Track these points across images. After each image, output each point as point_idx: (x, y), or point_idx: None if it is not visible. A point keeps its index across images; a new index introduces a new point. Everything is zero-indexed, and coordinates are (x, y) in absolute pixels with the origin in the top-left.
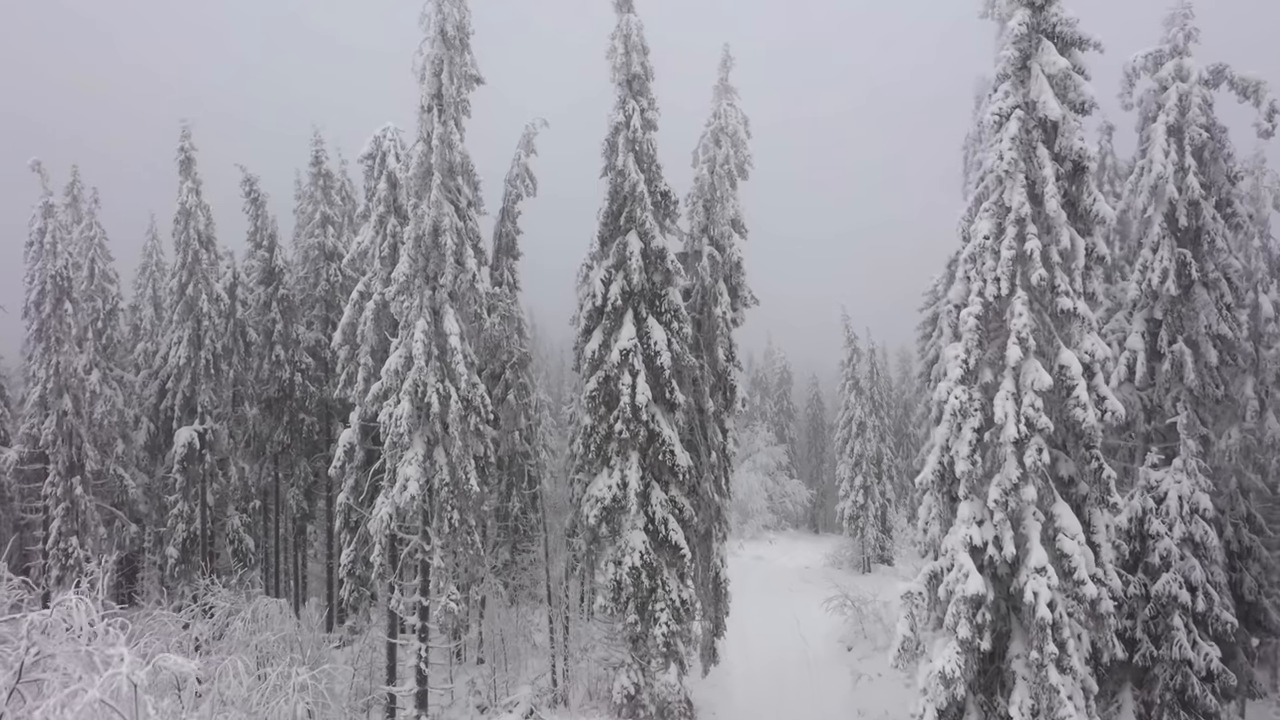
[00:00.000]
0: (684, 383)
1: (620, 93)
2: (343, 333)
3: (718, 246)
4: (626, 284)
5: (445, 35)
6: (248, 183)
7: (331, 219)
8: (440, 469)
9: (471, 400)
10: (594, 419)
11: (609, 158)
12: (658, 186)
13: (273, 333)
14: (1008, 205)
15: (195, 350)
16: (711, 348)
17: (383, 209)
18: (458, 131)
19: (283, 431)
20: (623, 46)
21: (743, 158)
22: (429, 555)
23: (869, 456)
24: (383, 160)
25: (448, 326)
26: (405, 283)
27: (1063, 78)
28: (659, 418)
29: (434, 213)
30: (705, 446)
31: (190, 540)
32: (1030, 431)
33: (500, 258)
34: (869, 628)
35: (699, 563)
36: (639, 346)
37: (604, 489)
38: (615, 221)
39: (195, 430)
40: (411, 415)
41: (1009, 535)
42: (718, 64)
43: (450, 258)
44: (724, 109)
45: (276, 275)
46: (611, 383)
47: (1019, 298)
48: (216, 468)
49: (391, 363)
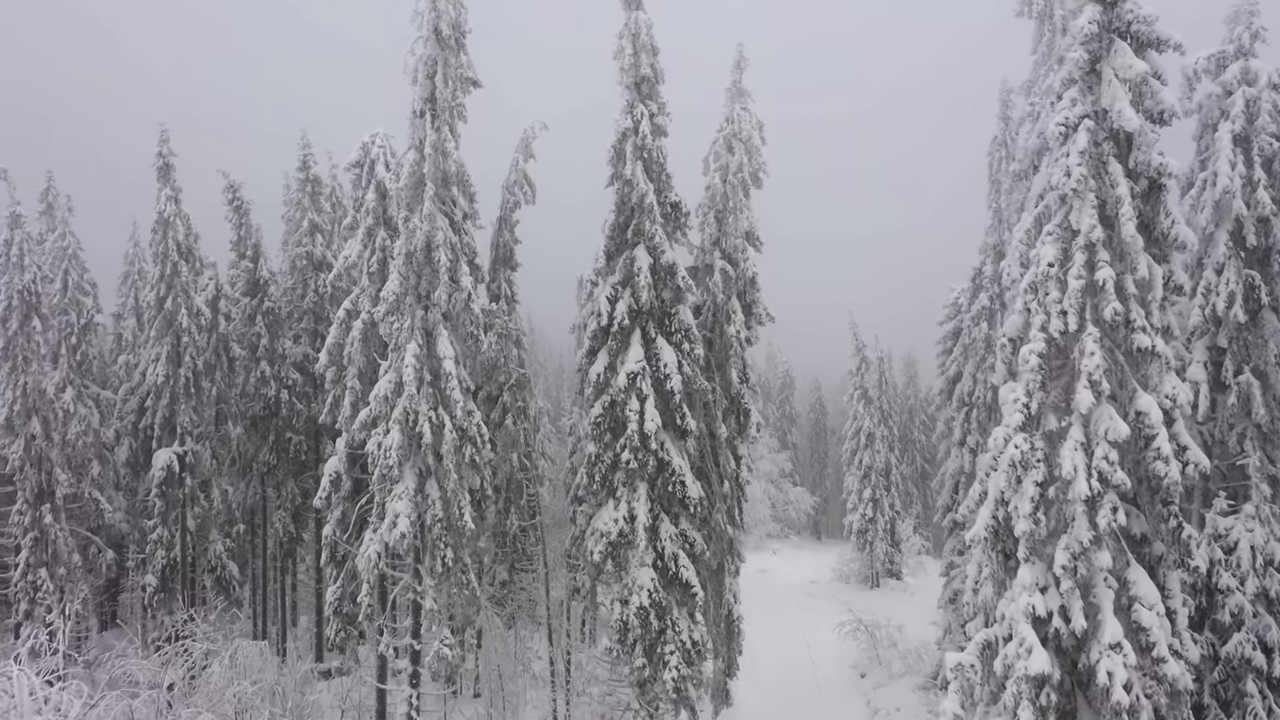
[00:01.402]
0: (695, 407)
1: (628, 96)
2: (328, 353)
3: (731, 260)
4: (634, 302)
5: (440, 34)
6: (230, 189)
7: (320, 227)
8: (433, 503)
9: (467, 430)
10: (599, 447)
11: (615, 166)
12: (668, 197)
13: (257, 347)
14: (1075, 228)
15: (174, 368)
16: (724, 369)
17: (371, 221)
18: (452, 138)
19: (269, 451)
20: (631, 46)
21: (757, 165)
22: (421, 596)
23: (878, 469)
24: (371, 168)
25: (441, 350)
26: (395, 302)
27: (1139, 83)
28: (669, 446)
29: (426, 226)
30: (717, 474)
31: (170, 568)
32: (1103, 488)
33: (497, 269)
34: (883, 653)
35: (710, 599)
36: (647, 369)
37: (610, 522)
38: (622, 234)
39: (174, 452)
40: (402, 446)
41: (1078, 605)
42: (730, 65)
43: (444, 275)
44: (737, 113)
45: (261, 287)
46: (618, 408)
47: (1089, 334)
48: (198, 491)
49: (380, 388)
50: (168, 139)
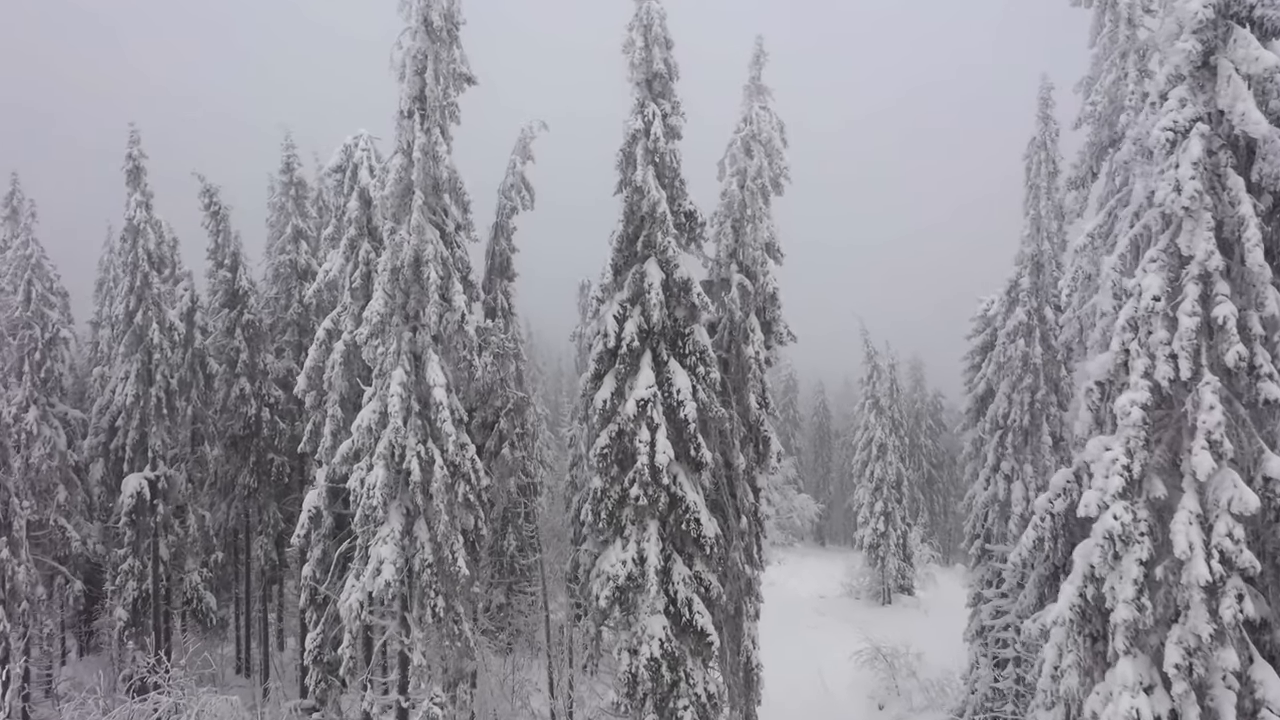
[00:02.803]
0: (710, 436)
1: (639, 95)
2: (307, 377)
3: (749, 274)
4: (644, 321)
5: (430, 25)
6: (207, 193)
7: (305, 233)
8: (422, 547)
9: (460, 465)
10: (605, 480)
11: (624, 171)
12: (681, 205)
13: (237, 362)
14: (1186, 254)
15: (145, 387)
16: (741, 393)
17: (354, 231)
18: (444, 141)
19: (249, 474)
20: (642, 39)
21: (778, 169)
22: (408, 648)
23: (890, 481)
24: (354, 174)
25: (431, 376)
26: (379, 323)
27: (1265, 79)
28: (682, 479)
29: (414, 239)
30: (734, 508)
31: (142, 600)
32: (1226, 571)
33: (493, 280)
34: (902, 683)
35: (727, 645)
36: (659, 395)
37: (617, 564)
38: (631, 247)
39: (145, 478)
40: (387, 483)
41: (1194, 711)
42: (747, 61)
43: (434, 294)
44: (756, 113)
45: (240, 298)
46: (626, 438)
47: (1207, 384)
48: (172, 518)
49: (364, 417)
50: (138, 139)
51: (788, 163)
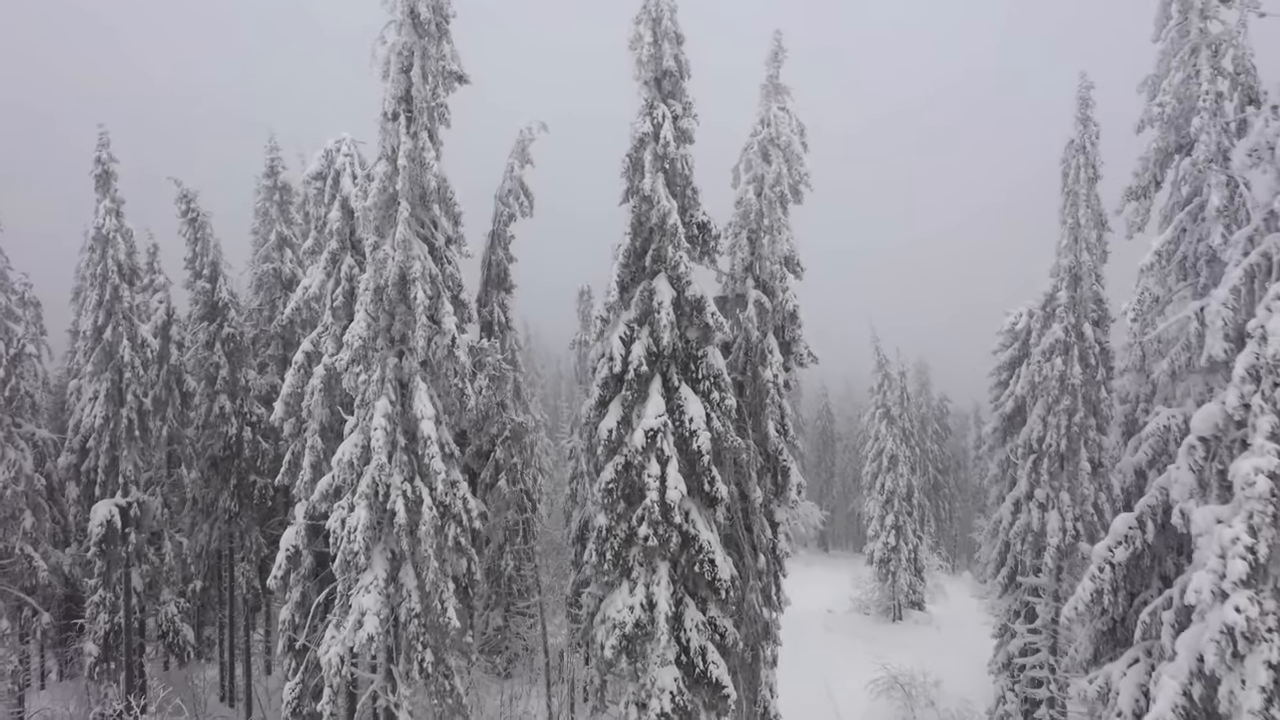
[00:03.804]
0: (724, 467)
1: (647, 94)
2: (285, 404)
3: (766, 290)
4: (654, 343)
5: (417, 18)
6: (184, 199)
7: (290, 241)
8: (408, 595)
9: (450, 506)
10: (611, 518)
11: (631, 179)
12: (694, 216)
13: (216, 379)
14: None
15: (115, 407)
16: (758, 419)
17: (335, 245)
18: (432, 146)
19: (230, 496)
20: (650, 34)
21: (798, 176)
22: (395, 705)
23: (900, 493)
24: (335, 181)
25: (419, 407)
26: (361, 348)
27: None
28: (695, 516)
29: (400, 255)
30: (750, 545)
31: (114, 634)
32: None
33: (489, 291)
34: (921, 714)
35: (744, 696)
36: (669, 425)
37: (624, 610)
38: (639, 261)
39: (115, 505)
40: (370, 526)
41: None
42: (765, 57)
43: (422, 316)
44: (774, 114)
45: (220, 310)
46: (634, 472)
47: None
48: (146, 545)
49: (345, 451)
50: (107, 142)
51: (808, 168)
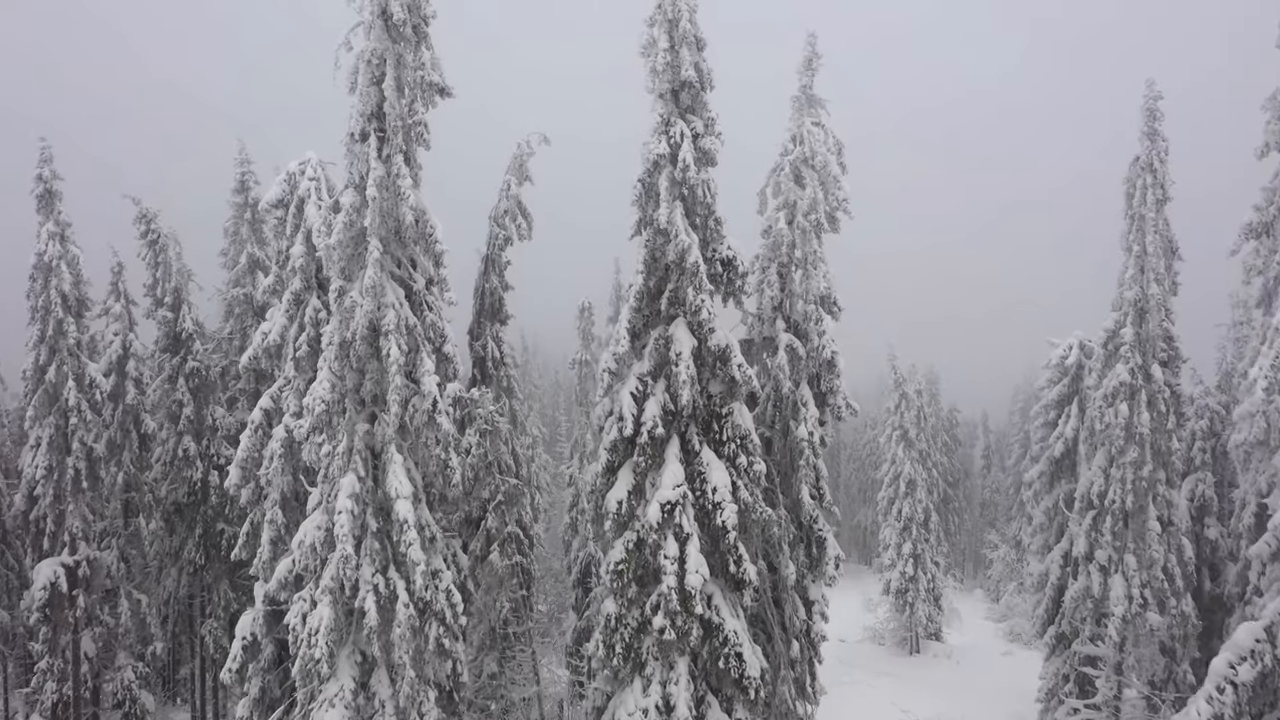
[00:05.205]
0: (751, 539)
1: (662, 109)
2: (241, 468)
3: (799, 333)
4: (671, 401)
5: (390, 19)
6: (143, 219)
7: (263, 263)
8: (381, 707)
9: (432, 603)
10: (621, 604)
11: (644, 208)
12: (717, 251)
13: (180, 417)
14: None
15: (60, 456)
16: (789, 482)
17: (299, 284)
18: (409, 173)
19: (195, 547)
20: (666, 38)
21: (835, 201)
22: None
23: (918, 520)
24: (299, 210)
25: (393, 484)
26: (325, 413)
27: None
28: (718, 602)
29: (370, 304)
30: (780, 628)
31: (63, 706)
32: None
33: (482, 323)
34: None
35: None
36: (689, 496)
37: (636, 713)
38: (653, 303)
39: (61, 564)
40: (335, 628)
41: None
42: (798, 65)
43: (397, 375)
44: (807, 130)
45: (184, 342)
46: (648, 550)
47: None
48: (99, 606)
49: (306, 532)
50: (50, 158)
51: (848, 192)
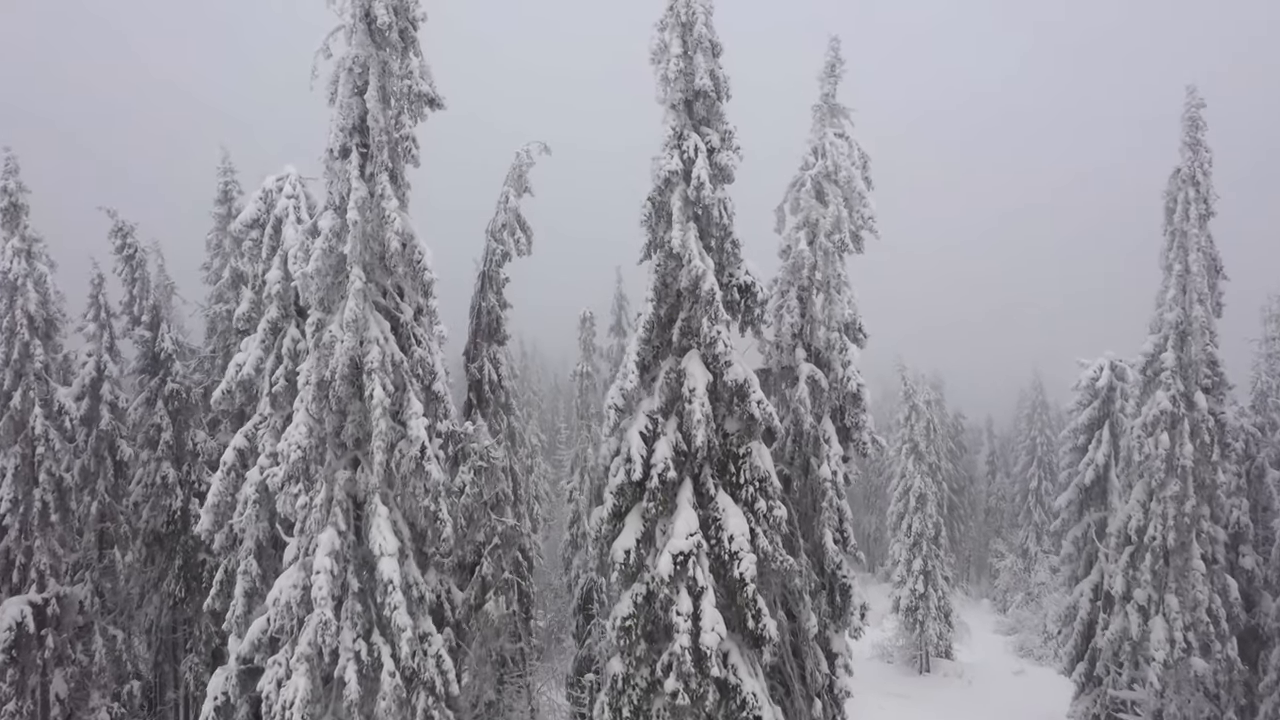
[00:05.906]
0: (770, 589)
1: (675, 121)
2: (213, 514)
3: (821, 363)
4: (683, 441)
5: (373, 23)
6: (119, 233)
7: (247, 278)
8: None
9: (420, 672)
10: (629, 663)
11: (654, 229)
12: (735, 276)
13: (158, 442)
14: None
15: (27, 488)
16: (810, 525)
17: (276, 311)
18: (394, 193)
19: (174, 579)
20: (679, 43)
21: (860, 220)
22: None
23: (929, 535)
24: (276, 231)
25: (377, 540)
26: (301, 460)
27: None
28: (735, 660)
29: (351, 339)
30: (801, 683)
31: None
32: None
33: (478, 345)
34: None
35: None
36: (704, 545)
37: None
38: (664, 333)
39: (28, 602)
40: (312, 700)
41: None
42: (819, 71)
43: (382, 419)
44: (829, 142)
45: (163, 362)
46: (658, 605)
47: None
48: (71, 644)
49: (282, 590)
50: (15, 169)
51: (874, 210)
